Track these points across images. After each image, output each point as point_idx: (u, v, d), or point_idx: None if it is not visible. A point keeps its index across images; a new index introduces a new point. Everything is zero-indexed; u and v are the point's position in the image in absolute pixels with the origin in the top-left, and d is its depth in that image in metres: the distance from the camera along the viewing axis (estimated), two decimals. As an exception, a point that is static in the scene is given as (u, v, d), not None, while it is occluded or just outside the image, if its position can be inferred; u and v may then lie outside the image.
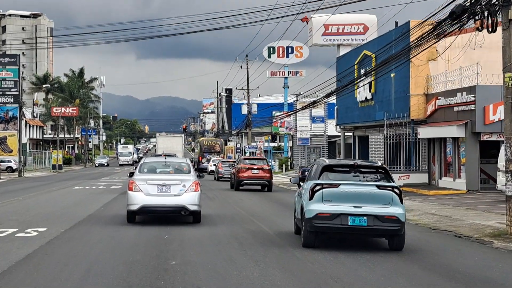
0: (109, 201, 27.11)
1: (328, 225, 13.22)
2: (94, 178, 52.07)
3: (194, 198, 17.34)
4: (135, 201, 17.25)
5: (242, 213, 22.39)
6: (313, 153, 58.99)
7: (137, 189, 17.27)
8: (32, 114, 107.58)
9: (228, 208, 24.29)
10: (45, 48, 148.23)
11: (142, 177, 17.63)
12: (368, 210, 13.16)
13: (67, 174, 68.71)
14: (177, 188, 17.27)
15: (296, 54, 75.35)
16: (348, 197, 13.25)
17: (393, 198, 13.33)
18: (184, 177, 17.77)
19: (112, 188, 36.97)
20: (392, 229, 13.26)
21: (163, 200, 17.19)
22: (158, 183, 17.32)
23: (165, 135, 76.25)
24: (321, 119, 58.68)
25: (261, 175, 35.04)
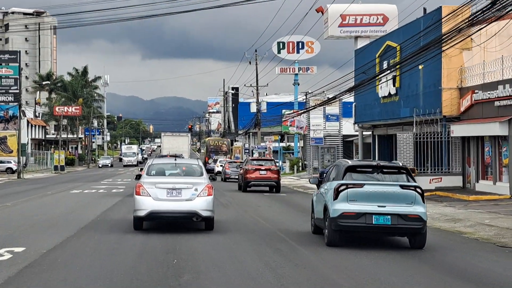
0: (108, 208, 23.59)
1: (353, 224, 13.45)
2: (95, 180, 48.60)
3: (207, 203, 15.77)
4: (142, 207, 15.67)
5: (256, 218, 20.36)
6: (327, 153, 55.38)
7: (145, 193, 15.70)
8: (34, 113, 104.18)
9: (240, 213, 22.30)
10: (49, 47, 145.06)
11: (150, 180, 15.99)
12: (392, 209, 13.44)
13: (69, 176, 65.30)
14: (189, 192, 15.70)
15: (307, 49, 71.77)
16: (372, 197, 13.52)
17: (416, 198, 13.62)
18: (196, 180, 16.09)
19: (113, 192, 33.48)
20: (415, 227, 13.52)
21: (173, 205, 15.62)
22: (168, 187, 15.72)
23: (170, 134, 72.70)
24: (336, 117, 55.06)
25: (269, 176, 34.29)
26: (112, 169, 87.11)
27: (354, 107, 44.79)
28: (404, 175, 14.16)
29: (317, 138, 55.07)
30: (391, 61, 37.58)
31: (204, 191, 15.80)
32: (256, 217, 20.63)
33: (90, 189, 36.60)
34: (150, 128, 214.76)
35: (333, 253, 13.00)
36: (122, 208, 23.29)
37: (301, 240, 15.04)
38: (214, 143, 70.20)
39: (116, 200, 27.30)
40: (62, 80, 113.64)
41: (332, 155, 55.45)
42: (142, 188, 15.79)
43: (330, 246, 13.71)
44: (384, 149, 44.59)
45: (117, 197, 29.39)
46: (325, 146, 55.35)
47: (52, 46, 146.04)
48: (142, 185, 15.87)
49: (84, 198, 28.59)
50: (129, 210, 21.40)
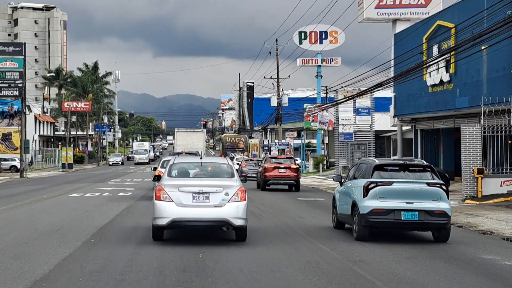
0: (109, 220, 17.96)
1: (383, 220, 13.91)
2: (102, 181, 43.02)
3: (240, 209, 13.30)
4: (164, 214, 13.12)
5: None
6: (357, 150, 49.64)
7: (166, 198, 13.18)
8: (42, 109, 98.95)
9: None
10: (59, 43, 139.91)
11: (172, 183, 13.44)
12: (419, 206, 13.93)
13: (75, 175, 59.85)
14: (218, 197, 13.25)
15: (331, 39, 65.98)
16: (401, 194, 14.04)
17: (441, 194, 14.14)
18: (227, 183, 13.58)
19: (119, 197, 27.87)
20: (441, 222, 14.03)
21: (200, 212, 13.16)
22: (194, 191, 13.25)
23: (184, 130, 66.92)
24: (367, 111, 49.30)
25: (288, 175, 33.17)
26: (122, 167, 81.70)
27: (393, 99, 38.99)
28: (429, 173, 14.58)
29: (347, 133, 49.35)
30: (442, 44, 31.83)
31: (236, 196, 13.27)
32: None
33: (94, 191, 31.03)
34: (163, 124, 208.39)
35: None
36: (128, 221, 17.69)
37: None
38: (231, 140, 64.55)
39: (121, 208, 21.69)
40: (72, 76, 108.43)
41: (363, 152, 49.70)
42: (163, 192, 13.17)
43: (358, 241, 14.16)
44: (427, 145, 38.79)
45: (123, 203, 23.80)
46: (355, 143, 49.62)
47: (62, 41, 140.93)
48: (163, 189, 13.23)
49: (82, 205, 22.95)
50: (136, 224, 16.59)
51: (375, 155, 50.17)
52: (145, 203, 23.76)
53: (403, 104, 37.86)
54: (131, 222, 17.36)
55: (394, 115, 39.11)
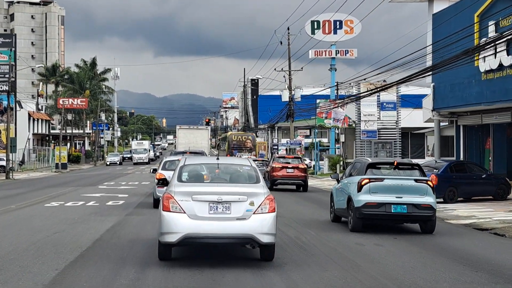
0: (80, 254, 11.96)
1: (375, 212, 15.14)
2: (93, 184, 36.99)
3: (268, 223, 10.48)
4: (174, 228, 10.30)
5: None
6: (381, 150, 43.69)
7: (177, 209, 10.37)
8: (37, 106, 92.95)
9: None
10: (56, 38, 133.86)
11: (184, 189, 10.60)
12: (408, 200, 15.21)
13: (67, 176, 53.90)
14: (241, 208, 10.47)
15: (346, 29, 60.00)
16: (391, 189, 15.29)
17: (428, 190, 15.42)
18: (252, 189, 10.74)
19: (107, 207, 21.92)
20: (427, 215, 15.27)
21: (218, 226, 10.32)
22: (211, 199, 10.40)
23: (187, 127, 60.53)
24: (393, 106, 43.35)
25: (296, 175, 32.65)
26: (120, 167, 75.74)
27: (432, 89, 33.05)
28: (417, 171, 15.93)
29: (370, 131, 43.45)
30: (501, 20, 25.95)
31: (263, 206, 10.59)
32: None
33: (78, 199, 25.06)
34: (163, 122, 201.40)
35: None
36: (112, 253, 11.74)
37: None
38: (237, 138, 58.44)
39: (104, 227, 15.73)
40: (69, 72, 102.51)
41: (388, 152, 43.75)
42: (173, 201, 10.45)
43: (353, 232, 15.26)
44: (472, 144, 32.85)
45: (109, 218, 17.86)
46: (379, 141, 43.70)
47: (59, 37, 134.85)
48: (172, 197, 10.51)
49: (53, 222, 16.92)
50: (122, 259, 11.27)
51: (401, 156, 44.24)
52: (139, 218, 17.88)
53: (445, 96, 31.93)
54: (115, 256, 11.43)
55: (432, 109, 33.14)
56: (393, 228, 16.09)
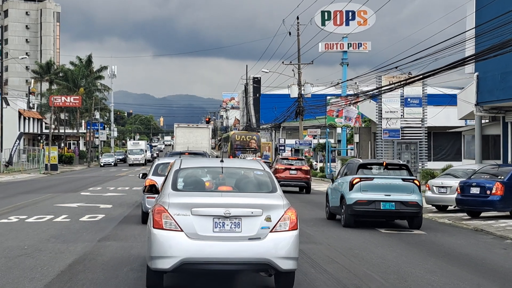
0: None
1: (365, 209, 16.08)
2: (75, 189, 31.31)
3: (290, 244, 8.22)
4: (168, 251, 7.99)
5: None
6: (405, 151, 38.16)
7: (172, 226, 8.06)
8: (28, 104, 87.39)
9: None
10: (51, 36, 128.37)
11: (181, 200, 8.27)
12: (396, 198, 16.14)
13: (55, 179, 48.40)
14: (255, 224, 8.16)
15: (359, 20, 54.57)
16: (380, 188, 16.23)
17: (414, 188, 16.39)
18: (268, 201, 8.43)
19: (81, 224, 16.39)
20: (414, 211, 16.26)
21: (226, 248, 8.07)
22: (216, 213, 8.13)
23: (186, 126, 54.77)
24: (418, 101, 37.78)
25: (299, 176, 32.09)
26: (114, 168, 70.23)
27: (476, 80, 27.60)
28: (404, 171, 17.01)
29: (392, 129, 37.91)
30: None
31: (283, 222, 8.22)
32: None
33: (46, 211, 19.54)
34: (160, 120, 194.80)
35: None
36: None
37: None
38: (241, 138, 52.83)
39: (58, 268, 10.25)
40: (63, 69, 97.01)
41: (413, 154, 38.26)
42: (167, 216, 8.05)
43: (345, 227, 16.22)
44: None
45: (73, 249, 12.38)
46: (402, 141, 38.23)
47: (55, 34, 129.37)
48: (165, 210, 8.10)
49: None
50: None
51: (427, 158, 38.77)
52: (116, 247, 12.44)
53: (493, 87, 26.48)
54: None
55: (476, 103, 27.70)
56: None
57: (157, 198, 8.88)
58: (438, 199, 21.59)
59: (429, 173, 29.25)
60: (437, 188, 21.60)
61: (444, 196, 21.34)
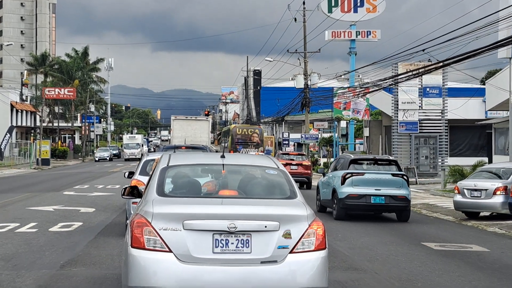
0: None
1: (356, 203, 16.53)
2: (58, 188, 27.49)
3: (316, 269, 6.19)
4: (152, 280, 5.92)
5: None
6: (423, 145, 34.61)
7: (156, 245, 6.03)
8: (21, 96, 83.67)
9: None
10: (47, 27, 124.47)
11: (168, 210, 6.20)
12: (385, 192, 16.57)
13: (44, 174, 44.83)
14: (270, 242, 6.16)
15: (368, 7, 50.97)
16: (371, 182, 16.67)
17: (403, 183, 16.91)
18: (285, 210, 6.42)
19: (48, 236, 12.70)
20: (402, 205, 16.72)
21: (231, 275, 6.00)
22: (217, 227, 6.10)
23: (184, 118, 50.93)
24: (438, 91, 34.26)
25: (300, 172, 30.91)
26: (109, 163, 66.65)
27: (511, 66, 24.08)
28: (394, 166, 17.52)
29: (410, 122, 34.42)
30: None
31: (307, 239, 6.25)
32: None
33: (13, 218, 15.95)
34: (158, 113, 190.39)
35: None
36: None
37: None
38: (242, 132, 49.21)
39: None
40: (58, 61, 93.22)
41: (432, 149, 34.71)
42: (150, 231, 6.05)
43: (337, 220, 16.50)
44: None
45: (19, 284, 8.76)
46: (420, 135, 34.72)
47: (50, 26, 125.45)
48: (148, 222, 6.08)
49: None
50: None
51: (447, 153, 35.20)
52: (87, 275, 8.86)
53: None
54: None
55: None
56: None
57: (138, 205, 6.78)
58: (471, 205, 17.80)
59: (457, 171, 25.63)
60: (469, 191, 17.76)
61: (478, 201, 17.51)
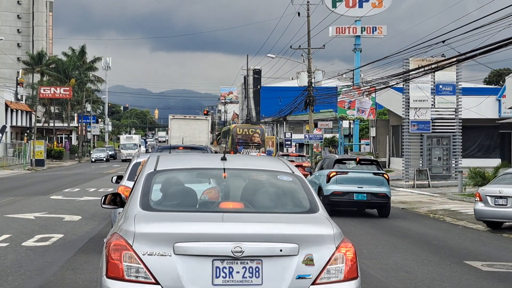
0: None
1: (340, 199, 17.78)
2: (46, 192, 25.24)
3: None
4: None
5: None
6: (437, 146, 32.48)
7: (139, 275, 4.63)
8: (16, 96, 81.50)
9: None
10: (44, 26, 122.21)
11: (154, 229, 4.77)
12: (367, 189, 17.82)
13: (36, 176, 42.72)
14: (286, 271, 4.75)
15: (373, 2, 48.88)
16: (354, 181, 17.90)
17: (384, 181, 18.13)
18: (304, 228, 4.93)
19: (20, 254, 10.44)
20: (383, 202, 17.97)
21: None
22: (218, 252, 4.69)
23: (182, 117, 48.71)
24: (452, 88, 32.14)
25: None
26: (105, 164, 64.53)
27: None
28: (375, 166, 18.93)
29: (422, 121, 32.29)
30: None
31: (335, 267, 4.83)
32: None
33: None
34: (155, 113, 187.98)
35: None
36: None
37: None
38: (243, 132, 47.08)
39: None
40: (54, 60, 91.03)
41: (445, 150, 32.57)
42: (130, 256, 4.67)
43: None
44: None
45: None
46: (432, 135, 32.59)
47: (47, 24, 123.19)
48: (128, 245, 4.71)
49: None
50: None
51: (461, 154, 33.07)
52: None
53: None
54: None
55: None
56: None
57: (117, 221, 5.41)
58: (495, 214, 15.36)
59: (478, 173, 23.47)
60: (492, 198, 15.37)
61: (503, 210, 15.10)
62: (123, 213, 5.43)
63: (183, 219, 4.96)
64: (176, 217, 4.99)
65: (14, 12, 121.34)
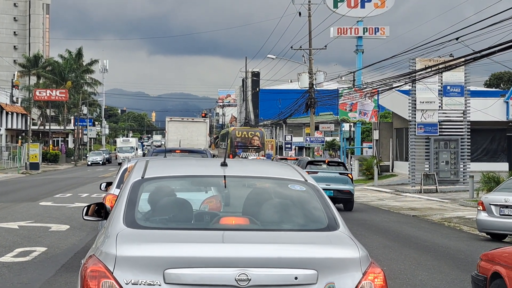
0: None
1: None
2: (35, 198, 23.74)
3: None
4: None
5: None
6: (444, 149, 31.13)
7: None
8: (11, 98, 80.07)
9: None
10: (40, 28, 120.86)
11: (140, 252, 3.96)
12: (334, 187, 20.70)
13: (29, 180, 41.28)
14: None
15: (376, 2, 47.63)
16: (323, 179, 19.84)
17: (348, 180, 21.37)
18: (323, 250, 4.10)
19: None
20: (347, 197, 21.02)
21: None
22: (217, 282, 3.87)
23: (179, 119, 47.33)
24: (460, 89, 30.83)
25: None
26: (101, 168, 63.16)
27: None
28: (342, 167, 22.81)
29: (429, 124, 30.95)
30: None
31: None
32: None
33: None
34: (153, 116, 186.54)
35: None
36: None
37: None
38: (242, 135, 45.76)
39: None
40: (50, 62, 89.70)
41: (453, 153, 31.24)
42: (111, 286, 3.86)
43: None
44: None
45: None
46: (440, 138, 31.25)
47: (44, 26, 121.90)
48: (108, 271, 3.91)
49: None
50: None
51: (469, 158, 31.72)
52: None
53: None
54: None
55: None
56: None
57: (97, 238, 4.58)
58: (499, 225, 13.70)
59: (493, 178, 22.11)
60: (497, 207, 13.68)
61: (510, 221, 13.44)
62: (103, 230, 4.57)
63: (175, 239, 4.15)
64: (167, 237, 4.18)
65: (10, 15, 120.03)
